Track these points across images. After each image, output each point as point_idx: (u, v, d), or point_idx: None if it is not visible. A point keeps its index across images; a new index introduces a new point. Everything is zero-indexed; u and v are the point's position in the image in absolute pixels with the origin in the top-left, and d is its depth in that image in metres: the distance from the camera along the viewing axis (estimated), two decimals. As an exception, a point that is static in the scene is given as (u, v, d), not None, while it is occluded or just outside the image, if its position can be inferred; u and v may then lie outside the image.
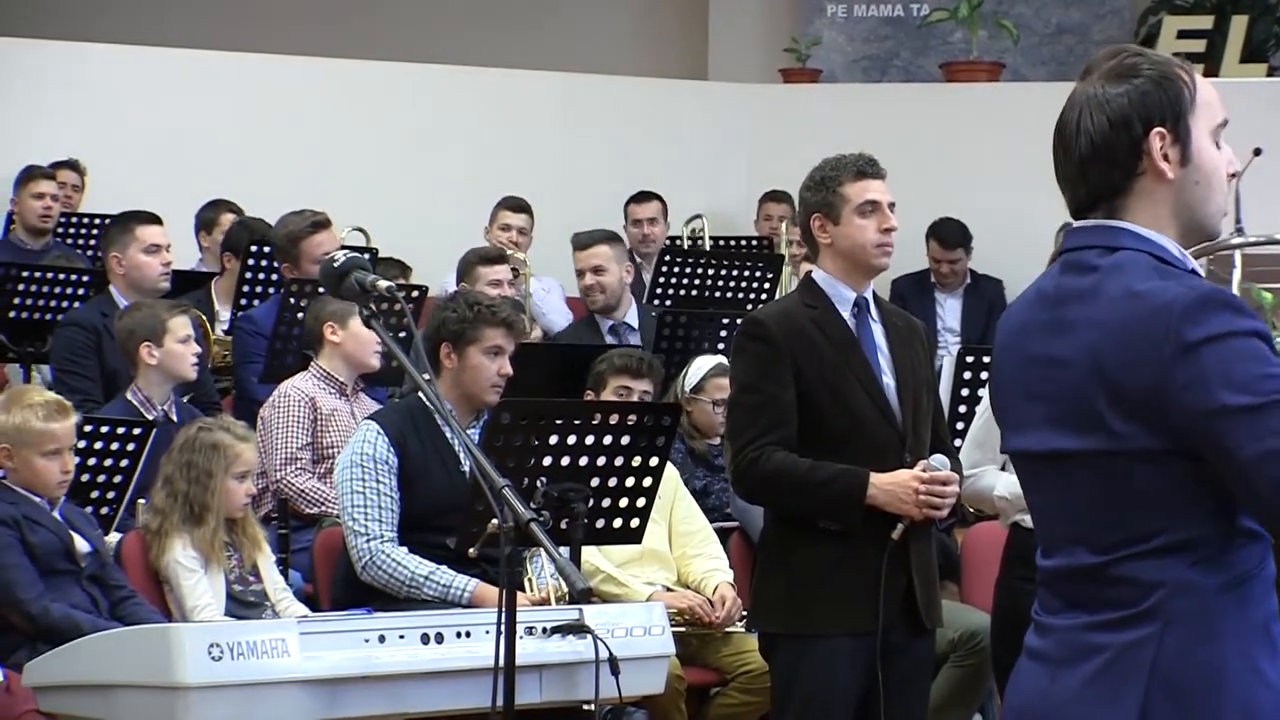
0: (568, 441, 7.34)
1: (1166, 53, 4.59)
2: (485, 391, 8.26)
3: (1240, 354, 3.99)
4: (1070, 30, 18.39)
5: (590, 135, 16.18)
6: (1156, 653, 4.10)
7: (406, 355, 6.68)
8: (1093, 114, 4.23)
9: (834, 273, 7.21)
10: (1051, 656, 4.30)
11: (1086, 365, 4.12)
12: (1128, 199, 4.22)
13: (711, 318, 11.98)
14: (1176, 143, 4.20)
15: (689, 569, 8.92)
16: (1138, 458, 4.10)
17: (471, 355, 8.29)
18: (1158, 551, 4.11)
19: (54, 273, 11.94)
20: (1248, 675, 4.13)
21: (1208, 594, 4.11)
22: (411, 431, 8.23)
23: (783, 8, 18.77)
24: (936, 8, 18.05)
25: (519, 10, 18.60)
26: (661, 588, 8.66)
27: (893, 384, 7.21)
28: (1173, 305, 4.01)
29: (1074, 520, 4.26)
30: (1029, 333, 4.32)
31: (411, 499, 8.20)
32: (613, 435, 7.47)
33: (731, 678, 8.78)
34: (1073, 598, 4.27)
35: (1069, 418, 4.19)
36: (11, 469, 7.94)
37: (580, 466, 7.34)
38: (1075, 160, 4.26)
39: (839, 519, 7.03)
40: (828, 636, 7.10)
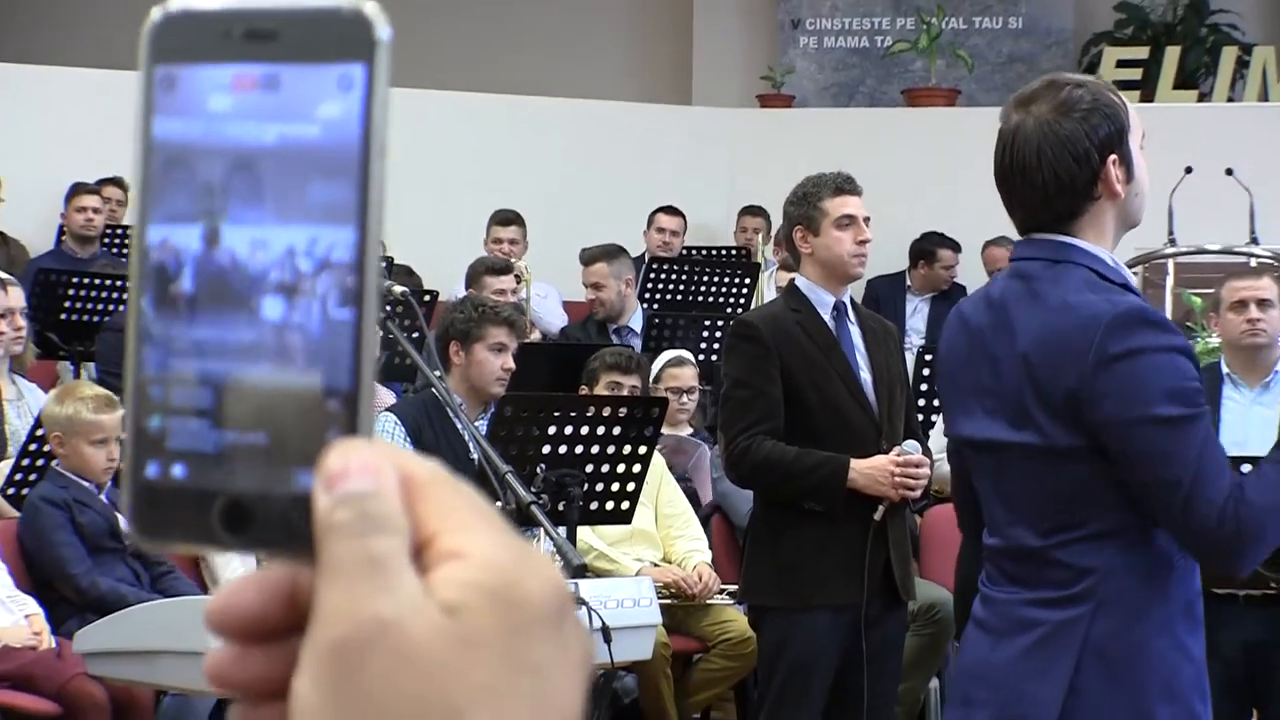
0: (564, 432, 7.36)
1: (1108, 80, 4.66)
2: (491, 384, 8.29)
3: (1159, 369, 4.08)
4: (1020, 59, 18.34)
5: (585, 154, 16.14)
6: (1088, 630, 4.16)
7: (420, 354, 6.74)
8: (1053, 149, 4.25)
9: (815, 280, 7.24)
10: (993, 626, 4.37)
11: (1020, 367, 4.19)
12: (1080, 220, 4.27)
13: (695, 319, 12.01)
14: (1123, 164, 4.27)
15: (673, 548, 8.95)
16: (1063, 453, 4.17)
17: (477, 352, 8.31)
18: (1090, 538, 4.18)
19: (100, 279, 11.95)
20: (1171, 651, 4.20)
21: (1136, 577, 4.19)
22: (425, 422, 8.24)
23: (760, 39, 18.74)
24: (899, 40, 18.03)
25: (522, 42, 18.56)
26: (649, 564, 8.67)
27: (869, 379, 7.23)
28: (1099, 319, 4.10)
29: (1011, 505, 4.35)
30: (976, 332, 4.40)
31: (424, 482, 8.24)
32: (605, 426, 7.50)
33: (712, 645, 8.79)
34: (1013, 575, 4.35)
35: (1005, 412, 4.27)
36: (63, 455, 7.97)
37: (576, 454, 7.36)
38: (1036, 189, 4.29)
39: (823, 501, 7.05)
40: (813, 610, 7.12)
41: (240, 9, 0.94)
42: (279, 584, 0.88)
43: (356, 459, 0.86)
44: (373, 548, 0.83)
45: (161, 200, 0.94)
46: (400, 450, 0.89)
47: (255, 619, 0.87)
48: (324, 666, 0.82)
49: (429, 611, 0.82)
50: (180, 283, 0.93)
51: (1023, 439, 4.24)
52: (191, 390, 0.93)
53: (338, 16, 0.93)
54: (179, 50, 0.94)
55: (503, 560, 0.84)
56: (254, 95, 0.93)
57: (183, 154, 0.94)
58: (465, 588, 0.83)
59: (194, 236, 0.94)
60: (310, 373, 0.92)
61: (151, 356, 0.93)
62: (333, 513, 0.84)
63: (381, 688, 0.81)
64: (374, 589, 0.82)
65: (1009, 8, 18.52)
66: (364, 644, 0.82)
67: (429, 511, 0.86)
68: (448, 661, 0.81)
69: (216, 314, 0.93)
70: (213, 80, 0.94)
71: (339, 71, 0.93)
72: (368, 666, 0.81)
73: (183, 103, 0.94)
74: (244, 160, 0.93)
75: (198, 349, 0.93)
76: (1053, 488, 4.24)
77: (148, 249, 0.94)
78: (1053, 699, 4.18)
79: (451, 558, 0.84)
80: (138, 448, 0.93)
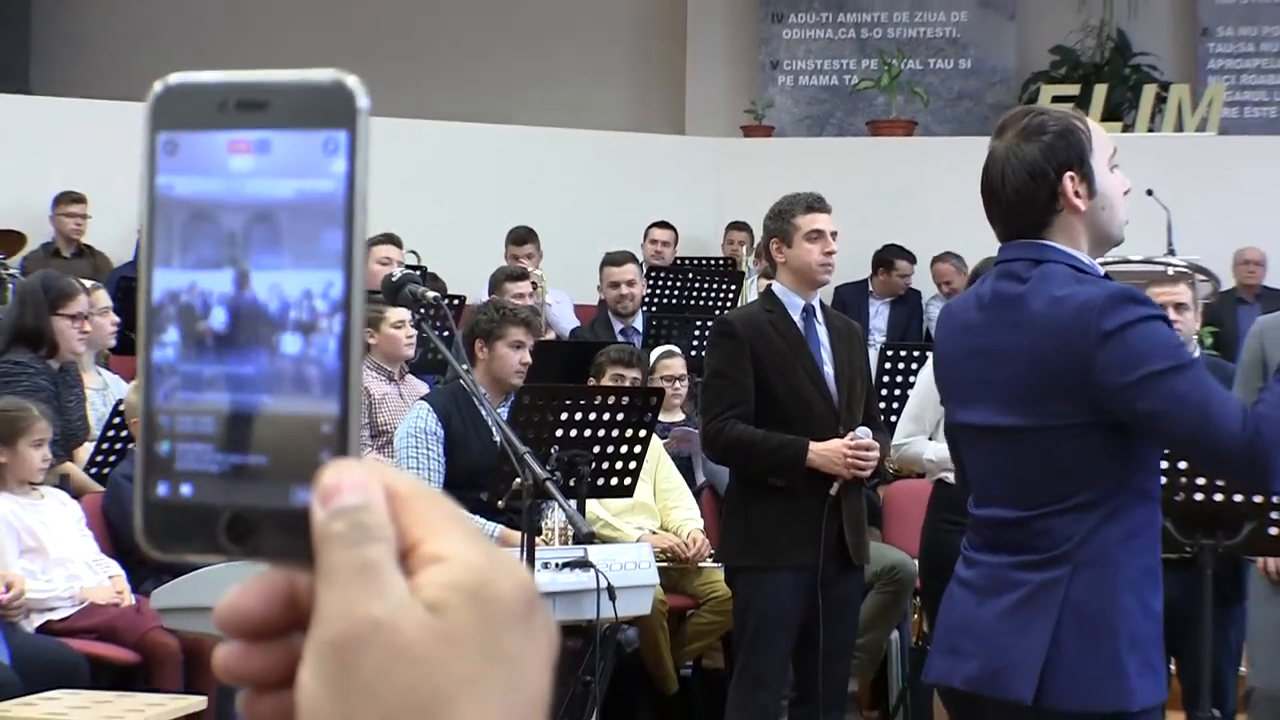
0: (575, 417, 7.36)
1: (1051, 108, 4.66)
2: (510, 376, 8.29)
3: (1148, 334, 4.13)
4: (968, 96, 18.35)
5: (592, 177, 16.13)
6: (1067, 590, 4.18)
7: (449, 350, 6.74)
8: (1014, 170, 4.29)
9: (788, 285, 7.23)
10: (978, 586, 4.38)
11: (1026, 359, 4.23)
12: (1050, 230, 4.30)
13: (688, 320, 12.00)
14: (1084, 180, 4.29)
15: (669, 518, 8.95)
16: (1064, 432, 4.20)
17: (499, 348, 8.33)
18: (1072, 510, 4.20)
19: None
20: (1138, 610, 4.24)
21: (1110, 544, 4.20)
22: (454, 410, 8.26)
23: (743, 77, 18.71)
24: (864, 78, 18.02)
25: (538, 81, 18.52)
26: (648, 532, 8.67)
27: (832, 373, 7.21)
28: (1090, 304, 4.14)
29: (1005, 481, 4.36)
30: (972, 331, 4.45)
31: (454, 462, 8.23)
32: (609, 413, 7.50)
33: (702, 602, 8.79)
34: (997, 541, 4.37)
35: (1011, 400, 4.30)
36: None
37: (584, 437, 7.36)
38: (1004, 206, 4.34)
39: (785, 478, 7.04)
40: (777, 570, 7.12)
41: (234, 82, 0.96)
42: (279, 588, 0.90)
43: (348, 476, 0.88)
44: (365, 555, 0.86)
45: (165, 250, 0.95)
46: (385, 467, 0.92)
47: (259, 620, 0.90)
48: (325, 661, 0.85)
49: (415, 610, 0.85)
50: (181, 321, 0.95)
51: (1019, 422, 4.27)
52: (197, 418, 0.94)
53: (322, 88, 0.95)
54: (180, 118, 0.96)
55: (478, 562, 0.87)
56: (248, 158, 0.95)
57: (182, 209, 0.95)
58: (446, 588, 0.86)
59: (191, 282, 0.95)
60: (304, 401, 0.94)
61: (159, 389, 0.95)
62: (329, 524, 0.87)
63: (376, 679, 0.84)
64: (367, 593, 0.85)
65: (959, 51, 18.51)
66: (360, 641, 0.84)
67: (412, 521, 0.88)
68: (433, 654, 0.84)
69: (217, 351, 0.95)
70: (211, 145, 0.95)
71: (324, 137, 0.94)
72: (364, 661, 0.84)
73: (183, 164, 0.95)
74: (240, 215, 0.94)
75: (202, 383, 0.95)
76: (1047, 465, 4.26)
77: (152, 293, 0.95)
78: (1036, 651, 4.19)
79: (433, 561, 0.87)
80: (148, 469, 0.94)
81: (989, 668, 4.30)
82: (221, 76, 0.96)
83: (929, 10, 18.60)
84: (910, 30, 18.53)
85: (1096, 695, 4.21)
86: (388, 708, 0.83)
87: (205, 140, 0.95)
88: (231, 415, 0.94)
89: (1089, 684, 4.21)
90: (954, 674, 4.41)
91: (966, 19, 18.56)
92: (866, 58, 18.35)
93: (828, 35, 18.69)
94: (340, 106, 0.95)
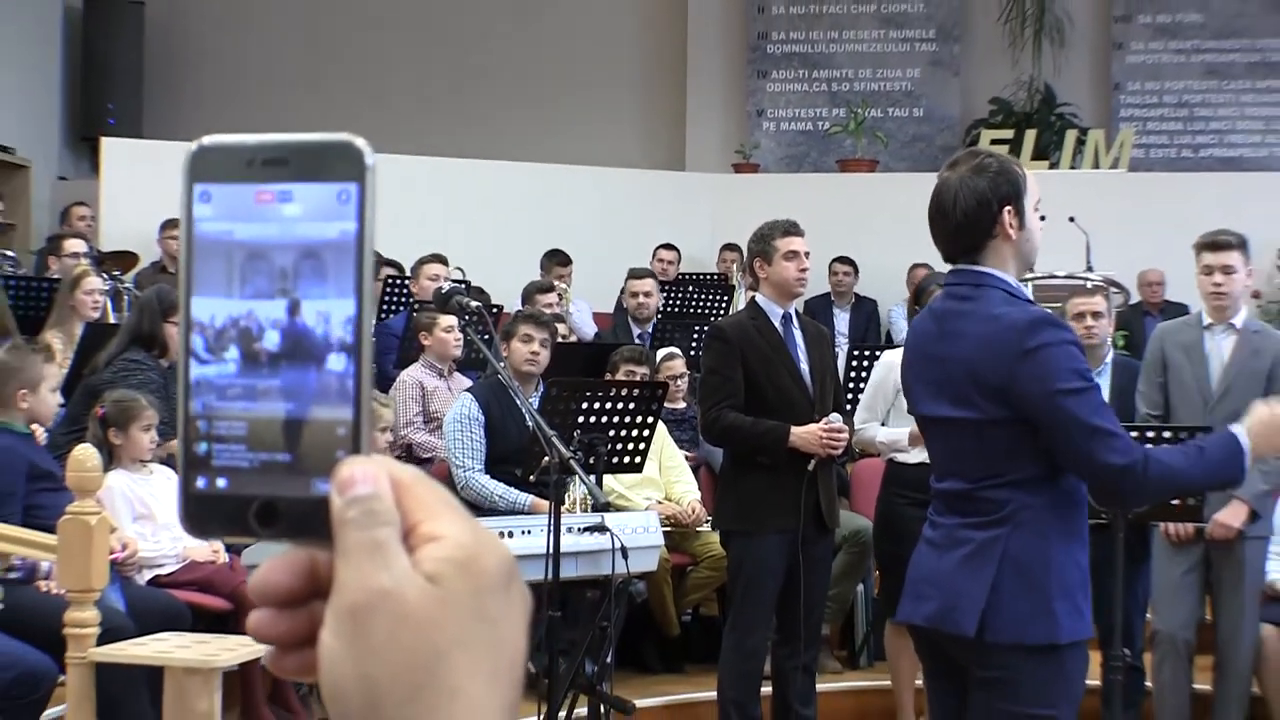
0: (594, 406, 7.35)
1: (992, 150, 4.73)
2: (521, 365, 8.30)
3: (1060, 356, 4.22)
4: (921, 139, 18.34)
5: (608, 205, 16.11)
6: (1005, 546, 4.28)
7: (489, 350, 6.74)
8: (965, 197, 4.39)
9: (769, 297, 7.22)
10: (939, 544, 4.47)
11: (963, 365, 4.35)
12: (985, 252, 4.41)
13: (688, 325, 11.99)
14: (1018, 214, 4.41)
15: (672, 490, 8.93)
16: (993, 424, 4.31)
17: (513, 343, 8.38)
18: (1008, 483, 4.31)
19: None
20: (1067, 561, 4.31)
21: (1040, 509, 4.30)
22: (493, 400, 8.25)
23: (734, 123, 18.70)
24: (834, 125, 18.01)
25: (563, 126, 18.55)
26: (655, 502, 8.66)
27: (807, 369, 7.20)
28: (1016, 325, 4.27)
29: (955, 461, 4.46)
30: (926, 339, 4.57)
31: (493, 443, 8.23)
32: (623, 402, 7.50)
33: (700, 560, 8.77)
34: (952, 507, 4.45)
35: (955, 397, 4.40)
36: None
37: (602, 422, 7.36)
38: (952, 227, 4.44)
39: (770, 456, 7.04)
40: (763, 534, 7.10)
41: (259, 142, 0.97)
42: (302, 564, 0.93)
43: (360, 470, 0.91)
44: (375, 536, 0.89)
45: (201, 281, 0.96)
46: (390, 460, 0.93)
47: (286, 591, 0.92)
48: (343, 623, 0.88)
49: (417, 581, 0.88)
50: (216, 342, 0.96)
51: (963, 415, 4.37)
52: (230, 424, 0.95)
53: (336, 148, 0.96)
54: (213, 172, 0.96)
55: (466, 540, 0.89)
56: (272, 206, 0.95)
57: (214, 248, 0.96)
58: (441, 562, 0.88)
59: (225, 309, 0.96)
60: (323, 408, 0.95)
61: (196, 400, 0.96)
62: (345, 511, 0.90)
63: (385, 638, 0.87)
64: (377, 566, 0.88)
65: (913, 101, 18.50)
66: (372, 607, 0.87)
67: (412, 506, 0.90)
68: (431, 617, 0.87)
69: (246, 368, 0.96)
70: (240, 195, 0.96)
71: (338, 189, 0.95)
72: (375, 622, 0.87)
73: (216, 211, 0.96)
74: (264, 254, 0.95)
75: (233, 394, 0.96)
76: (982, 449, 4.36)
77: (191, 319, 0.96)
78: (979, 594, 4.28)
79: (430, 540, 0.89)
80: (188, 467, 0.96)
81: (942, 608, 4.38)
82: (248, 138, 0.97)
83: (888, 68, 18.60)
84: (873, 84, 18.54)
85: (1029, 631, 4.26)
86: (395, 661, 0.86)
87: (235, 191, 0.96)
88: (259, 421, 0.95)
89: (1022, 622, 4.26)
90: (916, 614, 4.49)
91: (919, 75, 18.56)
92: (836, 107, 18.33)
93: (804, 89, 18.68)
94: (352, 163, 0.96)
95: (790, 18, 18.68)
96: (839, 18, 18.63)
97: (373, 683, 0.86)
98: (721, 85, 18.92)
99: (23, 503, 5.87)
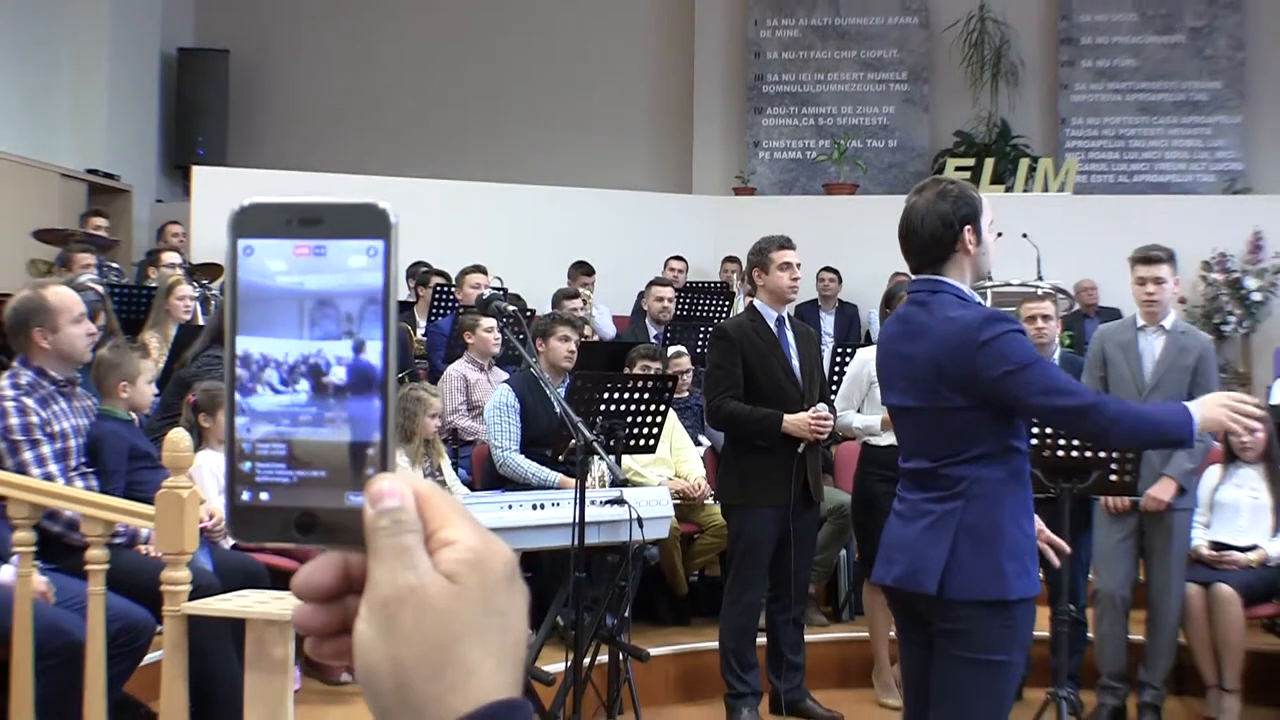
0: (613, 396, 7.35)
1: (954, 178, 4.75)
2: (560, 361, 8.36)
3: (1009, 343, 4.27)
4: (895, 166, 18.31)
5: (625, 223, 16.11)
6: (962, 516, 4.31)
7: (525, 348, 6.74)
8: (931, 218, 4.45)
9: (765, 302, 7.24)
10: (906, 515, 4.49)
11: (927, 360, 4.39)
12: (947, 264, 4.46)
13: (694, 326, 11.99)
14: (974, 233, 4.48)
15: (681, 468, 8.92)
16: (953, 410, 4.35)
17: (551, 341, 8.41)
18: (963, 461, 4.34)
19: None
20: (1015, 530, 4.33)
21: (992, 483, 4.32)
22: (527, 390, 8.26)
23: (734, 152, 18.67)
24: (820, 154, 18.02)
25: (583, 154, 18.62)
26: (666, 478, 8.67)
27: (798, 365, 7.22)
28: (971, 323, 4.32)
29: (919, 443, 4.48)
30: (895, 340, 4.59)
31: (526, 428, 8.23)
32: (638, 393, 7.49)
33: (704, 529, 8.77)
34: (916, 483, 4.47)
35: (917, 388, 4.44)
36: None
37: (620, 410, 7.35)
38: (920, 243, 4.49)
39: (766, 440, 7.06)
40: (759, 507, 7.13)
41: (296, 204, 0.97)
42: (337, 565, 0.94)
43: (389, 485, 0.93)
44: (403, 541, 0.91)
45: (245, 322, 0.96)
46: (415, 476, 0.95)
47: (324, 588, 0.94)
48: (376, 614, 0.90)
49: (438, 579, 0.90)
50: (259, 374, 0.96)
51: (927, 404, 4.40)
52: (271, 445, 0.96)
53: (364, 210, 0.96)
54: (255, 229, 0.96)
55: (476, 544, 0.91)
56: (309, 259, 0.95)
57: (261, 295, 0.96)
58: (456, 563, 0.90)
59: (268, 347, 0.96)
60: (355, 432, 0.96)
61: (242, 425, 0.96)
62: (377, 520, 0.92)
63: (412, 626, 0.89)
64: (404, 566, 0.90)
65: (888, 134, 18.47)
66: (400, 600, 0.89)
67: (431, 515, 0.92)
68: (450, 609, 0.89)
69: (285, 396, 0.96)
70: (279, 249, 0.96)
71: (367, 244, 0.96)
72: (403, 613, 0.89)
73: (259, 263, 0.96)
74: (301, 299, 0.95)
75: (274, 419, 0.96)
76: (944, 431, 4.38)
77: (236, 355, 0.96)
78: (940, 558, 4.30)
79: (446, 544, 0.91)
80: (233, 482, 0.96)
81: (908, 570, 4.39)
82: (287, 199, 0.96)
83: (866, 105, 18.57)
84: (853, 119, 18.51)
85: (982, 589, 4.27)
86: (420, 645, 0.88)
87: (275, 245, 0.96)
88: (298, 443, 0.96)
89: (977, 581, 4.28)
90: (887, 575, 4.50)
91: (894, 111, 18.53)
92: (822, 139, 18.31)
93: (794, 123, 18.66)
94: (379, 223, 0.96)
95: (783, 62, 18.69)
96: (824, 62, 18.63)
97: (401, 663, 0.88)
98: (723, 120, 18.91)
99: (126, 479, 5.88)
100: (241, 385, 0.96)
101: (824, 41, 18.65)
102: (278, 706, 4.18)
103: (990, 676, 4.31)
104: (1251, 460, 7.95)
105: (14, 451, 5.54)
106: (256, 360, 0.96)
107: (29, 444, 5.56)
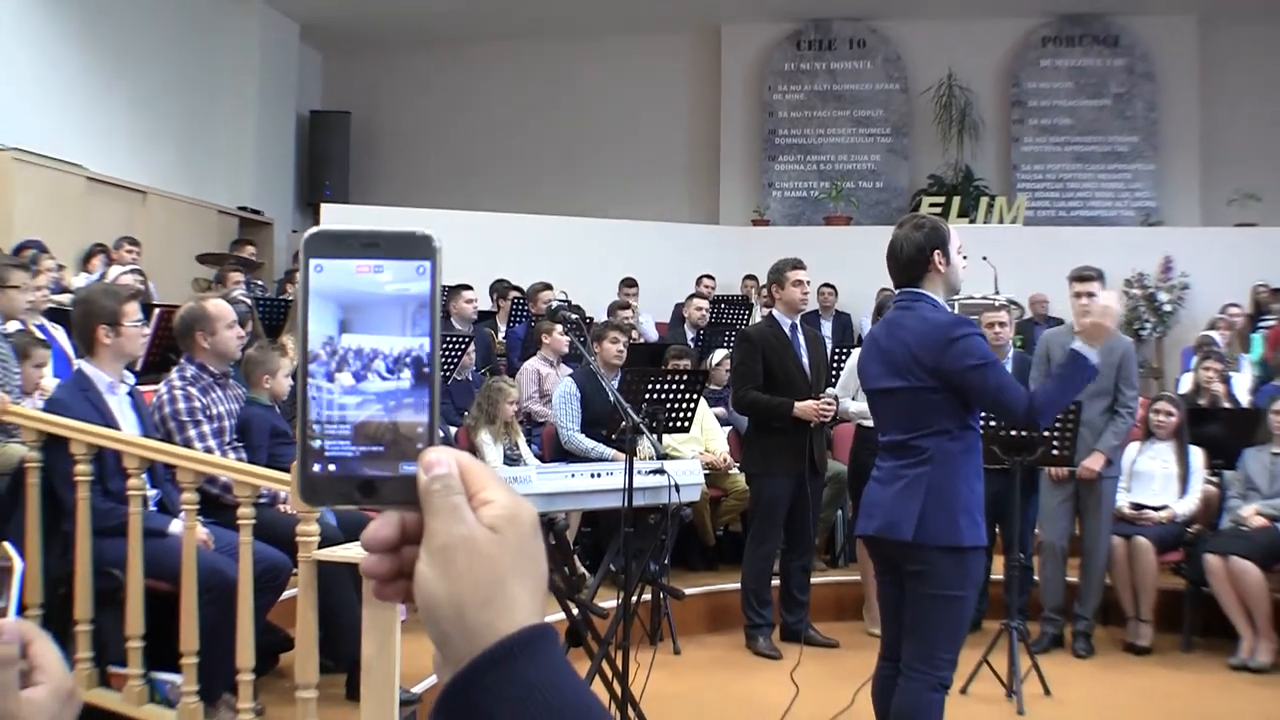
0: (656, 387, 7.35)
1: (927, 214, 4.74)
2: (612, 359, 8.30)
3: (973, 343, 4.27)
4: (881, 203, 18.23)
5: (664, 249, 16.11)
6: (928, 479, 4.30)
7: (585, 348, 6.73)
8: (908, 246, 4.49)
9: (781, 312, 7.22)
10: (883, 480, 4.47)
11: (906, 352, 4.37)
12: (923, 281, 4.47)
13: (721, 330, 11.97)
14: (944, 256, 4.49)
15: (709, 445, 8.87)
16: (924, 391, 4.34)
17: (604, 344, 8.35)
18: (931, 434, 4.33)
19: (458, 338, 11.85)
20: (968, 491, 4.32)
21: (953, 453, 4.31)
22: (586, 382, 8.24)
23: (752, 191, 18.62)
24: (822, 193, 18.02)
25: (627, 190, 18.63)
26: (698, 452, 8.65)
27: (807, 363, 7.20)
28: (942, 324, 4.34)
29: (894, 419, 4.46)
30: (879, 338, 4.56)
31: (586, 413, 8.22)
32: (675, 384, 7.49)
33: (729, 493, 8.75)
34: (891, 453, 4.46)
35: (893, 374, 4.42)
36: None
37: (661, 398, 7.35)
38: (900, 265, 4.52)
39: (781, 422, 7.05)
40: (775, 475, 7.13)
41: (358, 231, 0.95)
42: (395, 523, 0.93)
43: (439, 456, 0.92)
44: (453, 500, 0.90)
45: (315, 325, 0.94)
46: (457, 450, 0.93)
47: (387, 540, 0.92)
48: (435, 558, 0.89)
49: (483, 530, 0.89)
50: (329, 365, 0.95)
51: (902, 384, 4.39)
52: (338, 425, 0.95)
53: (415, 237, 0.95)
54: (324, 251, 0.95)
55: (510, 503, 0.90)
56: (369, 275, 0.94)
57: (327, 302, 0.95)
58: (496, 518, 0.89)
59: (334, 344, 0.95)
60: (408, 414, 0.95)
61: (312, 407, 0.95)
62: (430, 485, 0.91)
63: (465, 567, 0.88)
64: (456, 520, 0.89)
65: (876, 177, 18.39)
66: (454, 547, 0.88)
67: (471, 480, 0.91)
68: (494, 553, 0.88)
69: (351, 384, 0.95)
70: (345, 267, 0.95)
71: (416, 264, 0.95)
72: (457, 557, 0.88)
73: (328, 278, 0.95)
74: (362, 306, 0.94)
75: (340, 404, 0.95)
76: (915, 409, 4.36)
77: (309, 351, 0.95)
78: (912, 514, 4.30)
79: (486, 503, 0.90)
80: (305, 455, 0.95)
81: (887, 522, 4.38)
82: (350, 228, 0.95)
83: (859, 154, 18.50)
84: (848, 165, 18.44)
85: (943, 537, 4.28)
86: (472, 581, 0.87)
87: (341, 264, 0.95)
88: (361, 423, 0.95)
89: (939, 531, 4.28)
90: (868, 527, 4.49)
91: (880, 159, 18.46)
92: (823, 181, 18.28)
93: (801, 168, 18.60)
94: (427, 248, 0.95)
95: (792, 119, 18.64)
96: (825, 119, 18.59)
97: (459, 596, 0.87)
98: (744, 165, 18.84)
99: (268, 453, 5.91)
100: (313, 375, 0.95)
101: (824, 103, 18.62)
102: (388, 634, 4.20)
103: (949, 609, 4.31)
104: (1164, 437, 7.91)
105: (181, 430, 5.58)
106: (322, 353, 0.95)
107: (193, 424, 5.60)
